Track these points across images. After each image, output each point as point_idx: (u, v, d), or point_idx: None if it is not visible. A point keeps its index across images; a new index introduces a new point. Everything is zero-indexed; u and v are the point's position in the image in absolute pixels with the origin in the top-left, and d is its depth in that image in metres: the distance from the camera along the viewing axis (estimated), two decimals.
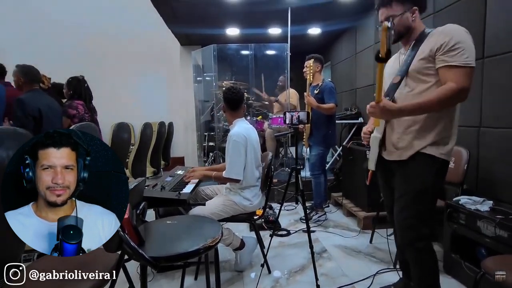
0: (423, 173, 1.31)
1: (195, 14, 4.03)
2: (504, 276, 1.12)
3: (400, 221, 1.40)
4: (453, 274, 1.89)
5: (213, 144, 4.55)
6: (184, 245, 1.16)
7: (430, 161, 1.29)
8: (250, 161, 1.95)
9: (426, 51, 1.26)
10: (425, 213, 1.35)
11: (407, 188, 1.36)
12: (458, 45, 1.19)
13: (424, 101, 1.22)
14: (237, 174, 1.88)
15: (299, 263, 2.14)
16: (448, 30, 1.24)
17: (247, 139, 1.93)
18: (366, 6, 3.79)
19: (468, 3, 2.26)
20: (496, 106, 2.04)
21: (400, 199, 1.39)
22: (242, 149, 1.90)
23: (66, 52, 5.18)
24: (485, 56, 2.09)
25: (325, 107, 2.84)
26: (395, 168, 1.41)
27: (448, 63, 1.20)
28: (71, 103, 2.62)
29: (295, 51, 4.03)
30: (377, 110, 1.23)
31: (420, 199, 1.33)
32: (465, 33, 1.22)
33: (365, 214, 2.72)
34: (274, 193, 3.48)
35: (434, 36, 1.27)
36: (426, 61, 1.27)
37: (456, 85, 1.18)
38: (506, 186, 1.95)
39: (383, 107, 1.22)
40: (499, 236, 1.55)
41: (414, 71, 1.30)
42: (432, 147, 1.29)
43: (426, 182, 1.31)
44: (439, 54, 1.23)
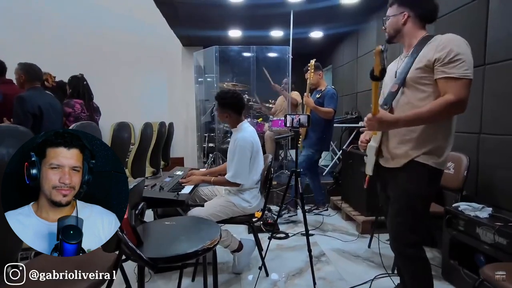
0: (415, 180, 1.32)
1: (198, 15, 4.04)
2: (504, 276, 1.13)
3: (391, 228, 1.41)
4: (451, 281, 1.88)
5: (213, 145, 4.54)
6: (182, 247, 1.16)
7: (422, 169, 1.30)
8: (255, 165, 1.96)
9: (424, 60, 1.26)
10: (416, 220, 1.35)
11: (399, 195, 1.37)
12: (458, 56, 1.19)
13: (421, 112, 1.22)
14: (242, 179, 1.89)
15: (297, 266, 2.14)
16: (448, 40, 1.23)
17: (253, 144, 1.93)
18: (368, 10, 3.81)
19: (469, 10, 2.26)
20: (496, 113, 2.04)
21: (392, 206, 1.40)
22: (249, 154, 1.91)
23: (67, 52, 5.20)
24: (486, 63, 2.10)
25: (323, 110, 2.86)
26: (390, 175, 1.41)
27: (447, 74, 1.20)
28: (68, 101, 2.64)
29: (297, 54, 4.04)
30: (374, 122, 1.25)
31: (411, 207, 1.33)
32: (465, 44, 1.23)
33: (364, 219, 2.72)
34: (273, 195, 3.48)
35: (433, 44, 1.26)
36: (422, 70, 1.27)
37: (454, 97, 1.19)
38: (506, 193, 1.95)
39: (380, 119, 1.23)
40: (498, 243, 1.55)
41: (410, 80, 1.30)
42: (426, 155, 1.29)
43: (418, 189, 1.32)
44: (438, 65, 1.22)
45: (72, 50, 5.24)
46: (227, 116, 2.02)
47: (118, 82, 5.37)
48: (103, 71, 5.11)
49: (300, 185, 1.99)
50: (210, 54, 4.45)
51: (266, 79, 4.06)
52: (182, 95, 5.73)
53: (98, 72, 3.06)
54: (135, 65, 5.58)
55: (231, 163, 1.94)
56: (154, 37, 5.46)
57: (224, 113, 2.01)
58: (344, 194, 3.24)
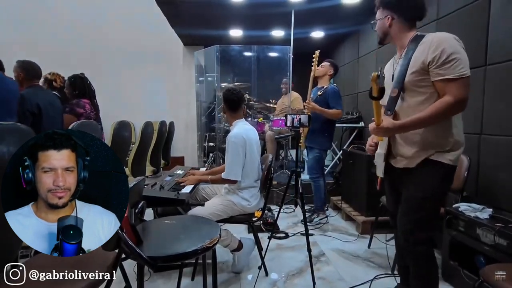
0: (431, 179, 1.32)
1: (199, 15, 4.04)
2: (504, 276, 1.13)
3: (402, 225, 1.41)
4: (451, 282, 1.88)
5: (213, 144, 4.54)
6: (182, 246, 1.16)
7: (437, 167, 1.30)
8: (249, 162, 1.95)
9: (418, 63, 1.27)
10: (428, 218, 1.36)
11: (413, 193, 1.36)
12: (452, 56, 1.19)
13: (423, 116, 1.24)
14: (235, 175, 1.89)
15: (297, 266, 2.14)
16: (439, 40, 1.22)
17: (245, 140, 1.93)
18: (369, 11, 3.78)
19: (471, 10, 2.26)
20: (497, 114, 2.04)
21: (405, 203, 1.40)
22: (241, 150, 1.90)
23: (67, 50, 5.19)
24: (488, 63, 2.09)
25: (330, 112, 2.83)
26: (404, 174, 1.41)
27: (444, 76, 1.21)
28: (78, 101, 2.60)
29: (297, 54, 4.04)
30: (380, 133, 1.32)
31: (425, 205, 1.34)
32: (456, 41, 1.22)
33: (364, 219, 2.71)
34: (273, 195, 3.48)
35: (425, 45, 1.26)
36: (418, 74, 1.27)
37: (454, 98, 1.20)
38: (506, 194, 1.95)
39: (387, 128, 1.28)
40: (498, 244, 1.54)
41: (408, 83, 1.31)
42: (439, 153, 1.30)
43: (433, 188, 1.32)
44: (433, 67, 1.23)
45: (73, 49, 5.24)
46: (225, 112, 2.09)
47: (118, 81, 5.37)
48: (103, 70, 5.11)
49: (300, 185, 1.99)
50: (211, 53, 4.45)
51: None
52: (183, 95, 5.73)
53: (99, 71, 3.05)
54: (135, 64, 5.58)
55: (226, 161, 1.95)
56: (155, 36, 5.46)
57: (223, 109, 2.10)
58: (344, 194, 3.24)
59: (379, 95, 1.19)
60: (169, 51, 5.68)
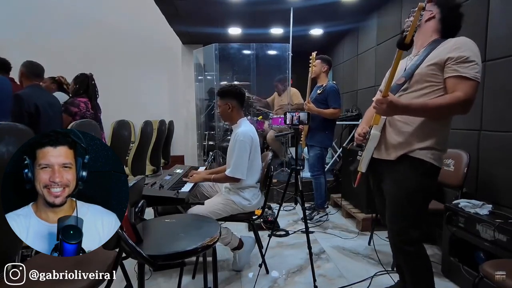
0: (411, 176, 1.32)
1: (198, 13, 4.03)
2: (504, 276, 1.13)
3: (390, 225, 1.41)
4: (451, 278, 1.89)
5: (213, 143, 4.54)
6: (182, 244, 1.16)
7: (418, 164, 1.30)
8: (254, 162, 1.95)
9: (437, 59, 1.27)
10: (415, 217, 1.35)
11: (396, 192, 1.37)
12: (472, 58, 1.22)
13: (431, 103, 1.24)
14: (242, 173, 1.88)
15: (297, 263, 2.15)
16: (462, 42, 1.25)
17: (253, 140, 1.93)
18: (368, 8, 3.79)
19: (470, 6, 2.25)
20: (497, 110, 2.04)
21: (390, 203, 1.40)
22: (248, 149, 1.90)
23: (66, 50, 5.18)
24: (487, 59, 2.09)
25: (327, 112, 2.84)
26: (385, 171, 1.41)
27: (460, 73, 1.22)
28: (73, 100, 2.60)
29: (297, 52, 4.03)
30: (384, 105, 1.22)
31: (409, 203, 1.34)
32: (477, 49, 1.25)
33: (364, 216, 2.72)
34: (273, 193, 3.48)
35: (447, 45, 1.28)
36: (434, 67, 1.27)
37: (464, 95, 1.20)
38: (506, 190, 1.95)
39: (391, 102, 1.21)
40: (498, 240, 1.55)
41: (419, 74, 1.31)
42: (422, 151, 1.30)
43: (414, 185, 1.32)
44: (451, 63, 1.23)
45: (71, 48, 5.22)
46: (230, 107, 1.99)
47: (118, 80, 5.36)
48: (102, 69, 5.07)
49: (301, 183, 1.99)
50: (210, 51, 4.43)
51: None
52: (182, 93, 5.72)
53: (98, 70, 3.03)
54: (134, 63, 5.57)
55: (230, 159, 1.93)
56: (154, 35, 5.44)
57: (225, 104, 1.99)
58: (344, 191, 3.24)
59: (410, 43, 1.14)
60: (168, 50, 5.67)
